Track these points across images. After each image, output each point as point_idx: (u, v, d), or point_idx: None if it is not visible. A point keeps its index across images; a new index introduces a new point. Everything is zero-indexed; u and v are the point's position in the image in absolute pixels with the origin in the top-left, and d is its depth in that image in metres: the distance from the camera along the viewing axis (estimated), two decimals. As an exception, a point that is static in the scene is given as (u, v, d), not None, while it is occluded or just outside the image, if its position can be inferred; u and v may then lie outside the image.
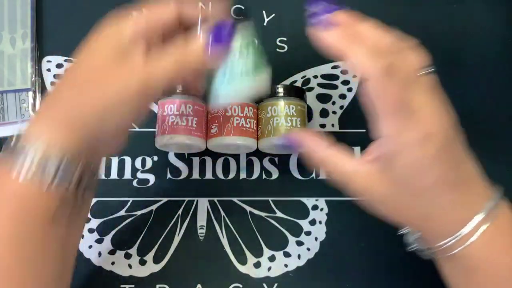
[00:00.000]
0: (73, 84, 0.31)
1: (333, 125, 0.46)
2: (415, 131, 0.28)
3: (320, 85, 0.47)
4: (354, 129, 0.46)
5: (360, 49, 0.28)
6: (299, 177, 0.44)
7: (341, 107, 0.47)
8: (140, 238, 0.42)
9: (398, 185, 0.29)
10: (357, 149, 0.45)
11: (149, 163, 0.44)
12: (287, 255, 0.42)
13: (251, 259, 0.42)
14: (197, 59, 0.31)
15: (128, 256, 0.42)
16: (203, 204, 0.43)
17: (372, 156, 0.30)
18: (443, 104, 0.30)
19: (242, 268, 0.42)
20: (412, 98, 0.28)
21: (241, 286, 0.41)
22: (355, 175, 0.30)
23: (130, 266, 0.42)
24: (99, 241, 0.42)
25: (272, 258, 0.42)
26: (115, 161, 0.44)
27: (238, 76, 0.31)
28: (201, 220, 0.43)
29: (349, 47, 0.28)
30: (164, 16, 0.31)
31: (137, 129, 0.45)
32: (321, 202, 0.44)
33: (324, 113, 0.47)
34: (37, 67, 0.46)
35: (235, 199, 0.44)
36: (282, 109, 0.41)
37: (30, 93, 0.45)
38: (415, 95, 0.28)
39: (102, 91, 0.29)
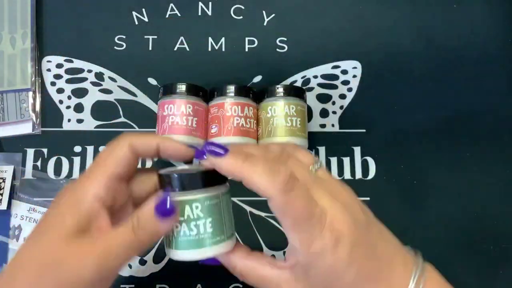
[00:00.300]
0: (29, 267, 0.27)
1: (333, 125, 0.46)
2: (324, 239, 0.28)
3: (320, 85, 0.47)
4: (354, 129, 0.46)
5: (255, 169, 0.28)
6: (299, 177, 0.44)
7: (341, 107, 0.47)
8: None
9: (310, 283, 0.29)
10: (357, 149, 0.45)
11: (149, 163, 0.44)
12: (287, 255, 0.42)
13: (251, 259, 0.42)
14: (149, 234, 0.28)
15: (128, 256, 0.42)
16: (203, 204, 0.43)
17: (288, 263, 0.30)
18: (346, 195, 0.30)
19: (242, 268, 0.42)
20: (315, 205, 0.28)
21: (241, 286, 0.41)
22: (275, 283, 0.30)
23: (130, 266, 0.42)
24: (99, 241, 0.42)
25: (272, 258, 0.42)
26: (115, 161, 0.44)
27: (191, 242, 0.29)
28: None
29: (245, 169, 0.28)
30: (119, 155, 0.29)
31: (137, 129, 0.45)
32: (321, 202, 0.44)
33: (324, 113, 0.47)
34: (37, 67, 0.46)
35: (235, 199, 0.44)
36: (282, 109, 0.41)
37: (30, 93, 0.45)
38: (318, 199, 0.28)
39: (56, 279, 0.26)
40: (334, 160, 0.45)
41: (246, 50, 0.48)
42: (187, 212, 0.28)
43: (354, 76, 0.48)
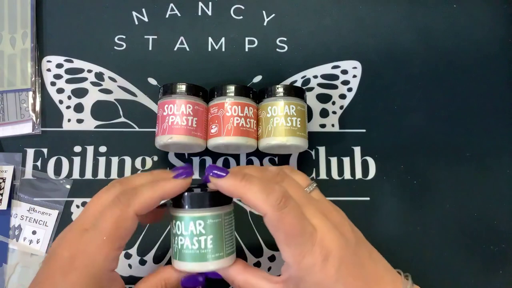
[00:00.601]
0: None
1: (333, 125, 0.46)
2: (314, 255, 0.29)
3: (320, 85, 0.47)
4: (354, 129, 0.46)
5: (252, 188, 0.30)
6: (299, 177, 0.44)
7: (341, 107, 0.47)
8: (140, 238, 0.42)
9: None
10: (357, 149, 0.45)
11: (149, 163, 0.44)
12: (287, 255, 0.42)
13: (251, 259, 0.42)
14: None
15: (128, 256, 0.42)
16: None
17: (281, 278, 0.32)
18: (337, 216, 0.32)
19: (242, 268, 0.42)
20: (307, 222, 0.30)
21: (241, 286, 0.41)
22: None
23: (130, 266, 0.42)
24: (99, 241, 0.42)
25: (272, 258, 0.42)
26: (115, 161, 0.44)
27: (192, 256, 0.32)
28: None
29: (242, 188, 0.31)
30: (128, 228, 0.31)
31: (137, 129, 0.45)
32: (321, 202, 0.44)
33: (324, 113, 0.47)
34: (37, 67, 0.46)
35: (235, 199, 0.44)
36: (282, 109, 0.41)
37: (30, 93, 0.45)
38: (310, 218, 0.31)
39: None
40: (334, 160, 0.45)
41: (246, 50, 0.48)
42: (191, 227, 0.31)
43: (354, 76, 0.48)
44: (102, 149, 0.44)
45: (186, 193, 0.32)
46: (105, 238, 0.30)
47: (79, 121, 0.45)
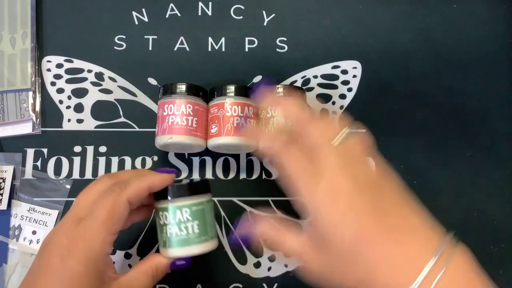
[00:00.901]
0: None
1: (333, 125, 0.46)
2: (323, 189, 0.29)
3: (320, 85, 0.47)
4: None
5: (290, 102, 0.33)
6: (299, 177, 0.44)
7: (341, 107, 0.47)
8: (140, 238, 0.42)
9: (325, 250, 0.29)
10: (357, 149, 0.45)
11: (149, 163, 0.44)
12: (287, 255, 0.42)
13: (251, 259, 0.42)
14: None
15: (128, 256, 0.42)
16: (203, 204, 0.43)
17: (307, 233, 0.31)
18: (363, 163, 0.31)
19: (242, 268, 0.42)
20: (319, 160, 0.30)
21: (241, 286, 0.41)
22: (300, 248, 0.31)
23: (130, 266, 0.42)
24: (99, 241, 0.42)
25: (272, 258, 0.42)
26: (115, 161, 0.44)
27: (181, 242, 0.34)
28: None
29: (283, 101, 0.33)
30: (122, 214, 0.33)
31: (137, 129, 0.45)
32: (321, 202, 0.44)
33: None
34: (37, 67, 0.46)
35: (235, 199, 0.44)
36: (282, 109, 0.41)
37: (30, 93, 0.45)
38: (322, 156, 0.30)
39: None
40: (334, 160, 0.45)
41: (246, 50, 0.48)
42: (178, 216, 0.34)
43: (354, 76, 0.48)
44: (102, 149, 0.44)
45: (170, 186, 0.35)
46: (101, 224, 0.31)
47: (79, 121, 0.45)
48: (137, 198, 0.34)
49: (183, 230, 0.34)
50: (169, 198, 0.34)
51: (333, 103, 0.47)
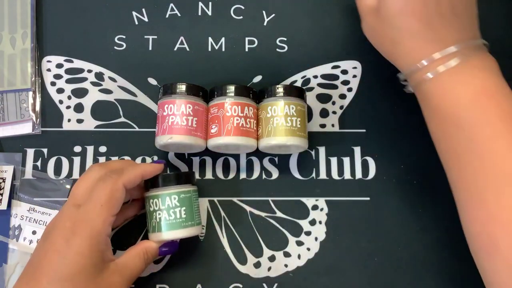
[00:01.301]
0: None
1: (333, 125, 0.46)
2: None
3: (320, 85, 0.47)
4: (354, 129, 0.46)
5: None
6: (299, 177, 0.44)
7: (341, 107, 0.47)
8: (140, 238, 0.42)
9: (377, 13, 0.36)
10: (357, 149, 0.45)
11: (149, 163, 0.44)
12: (287, 255, 0.42)
13: (251, 259, 0.42)
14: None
15: (128, 256, 0.42)
16: (203, 204, 0.43)
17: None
18: None
19: (242, 268, 0.42)
20: None
21: (241, 286, 0.41)
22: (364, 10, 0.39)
23: (130, 266, 0.42)
24: (99, 241, 0.42)
25: (272, 258, 0.42)
26: (115, 161, 0.44)
27: (169, 225, 0.38)
28: (201, 220, 0.43)
29: None
30: (119, 198, 0.36)
31: (137, 129, 0.45)
32: (321, 202, 0.44)
33: (324, 113, 0.47)
34: (37, 67, 0.46)
35: (235, 199, 0.44)
36: (282, 109, 0.41)
37: (30, 93, 0.45)
38: None
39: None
40: (334, 160, 0.45)
41: (246, 50, 0.48)
42: (167, 202, 0.38)
43: (354, 76, 0.48)
44: (102, 149, 0.44)
45: (161, 176, 0.39)
46: (101, 206, 0.34)
47: (79, 121, 0.45)
48: (132, 184, 0.37)
49: (172, 215, 0.38)
50: (161, 186, 0.38)
51: (333, 103, 0.47)
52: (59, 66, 0.47)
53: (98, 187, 0.35)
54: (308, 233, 0.43)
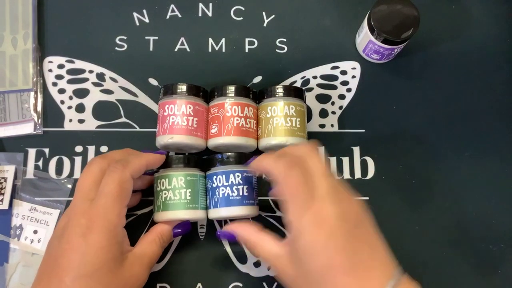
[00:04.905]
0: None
1: (332, 125, 0.46)
2: (311, 216, 0.31)
3: (319, 85, 0.48)
4: (353, 129, 0.46)
5: (265, 159, 0.35)
6: (299, 177, 0.45)
7: (340, 107, 0.47)
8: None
9: (298, 267, 0.31)
10: (356, 149, 0.46)
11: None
12: (286, 254, 0.42)
13: (251, 258, 0.42)
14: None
15: (128, 255, 0.42)
16: (203, 203, 0.43)
17: (286, 240, 0.33)
18: (346, 195, 0.33)
19: (242, 268, 0.42)
20: (313, 187, 0.32)
21: (241, 285, 0.41)
22: (276, 258, 0.34)
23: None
24: (100, 240, 0.42)
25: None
26: (116, 161, 0.44)
27: (174, 205, 0.39)
28: (201, 220, 0.43)
29: (260, 160, 0.36)
30: (129, 189, 0.36)
31: (138, 129, 0.45)
32: (321, 201, 0.44)
33: (323, 113, 0.47)
34: (38, 68, 0.46)
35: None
36: (282, 109, 0.41)
37: (32, 93, 0.45)
38: (318, 186, 0.32)
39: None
40: (333, 160, 0.45)
41: (246, 50, 0.48)
42: (174, 182, 0.39)
43: (353, 77, 0.48)
44: (103, 149, 0.45)
45: (171, 157, 0.40)
46: (114, 199, 0.34)
47: (81, 121, 0.46)
48: (138, 173, 0.37)
49: (177, 195, 0.38)
50: (171, 166, 0.39)
51: (333, 103, 0.47)
52: (61, 66, 0.47)
53: (106, 180, 0.35)
54: (307, 233, 0.43)
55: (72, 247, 0.32)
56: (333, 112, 0.47)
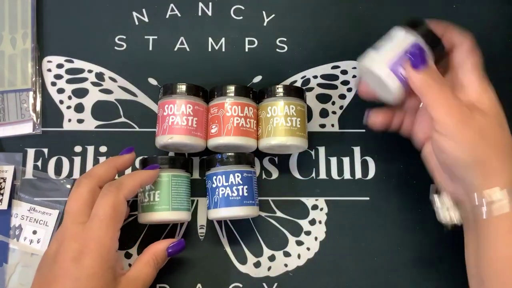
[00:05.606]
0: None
1: (332, 125, 0.46)
2: (462, 112, 0.34)
3: (319, 85, 0.47)
4: (354, 129, 0.46)
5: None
6: (299, 177, 0.45)
7: (341, 107, 0.47)
8: (140, 238, 0.42)
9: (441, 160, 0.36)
10: (356, 149, 0.45)
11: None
12: (287, 254, 0.42)
13: (251, 258, 0.42)
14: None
15: (128, 256, 0.42)
16: (203, 204, 0.43)
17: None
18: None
19: (242, 268, 0.42)
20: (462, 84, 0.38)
21: (241, 285, 0.41)
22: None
23: (130, 266, 0.42)
24: (100, 241, 0.42)
25: (272, 258, 0.42)
26: (115, 161, 0.44)
27: (143, 207, 0.39)
28: (201, 220, 0.43)
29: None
30: (123, 211, 0.36)
31: (138, 129, 0.45)
32: (321, 202, 0.44)
33: (323, 113, 0.47)
34: (37, 67, 0.46)
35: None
36: (282, 109, 0.41)
37: (31, 93, 0.45)
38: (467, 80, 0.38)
39: None
40: (333, 160, 0.45)
41: (246, 50, 0.48)
42: (158, 183, 0.39)
43: (354, 76, 0.48)
44: (103, 149, 0.45)
45: (156, 156, 0.40)
46: (107, 222, 0.33)
47: (80, 121, 0.45)
48: (132, 194, 0.36)
49: (146, 197, 0.39)
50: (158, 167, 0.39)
51: (333, 103, 0.47)
52: (60, 66, 0.47)
53: (100, 203, 0.34)
54: (308, 233, 0.43)
55: (65, 272, 0.32)
56: (334, 112, 0.47)
